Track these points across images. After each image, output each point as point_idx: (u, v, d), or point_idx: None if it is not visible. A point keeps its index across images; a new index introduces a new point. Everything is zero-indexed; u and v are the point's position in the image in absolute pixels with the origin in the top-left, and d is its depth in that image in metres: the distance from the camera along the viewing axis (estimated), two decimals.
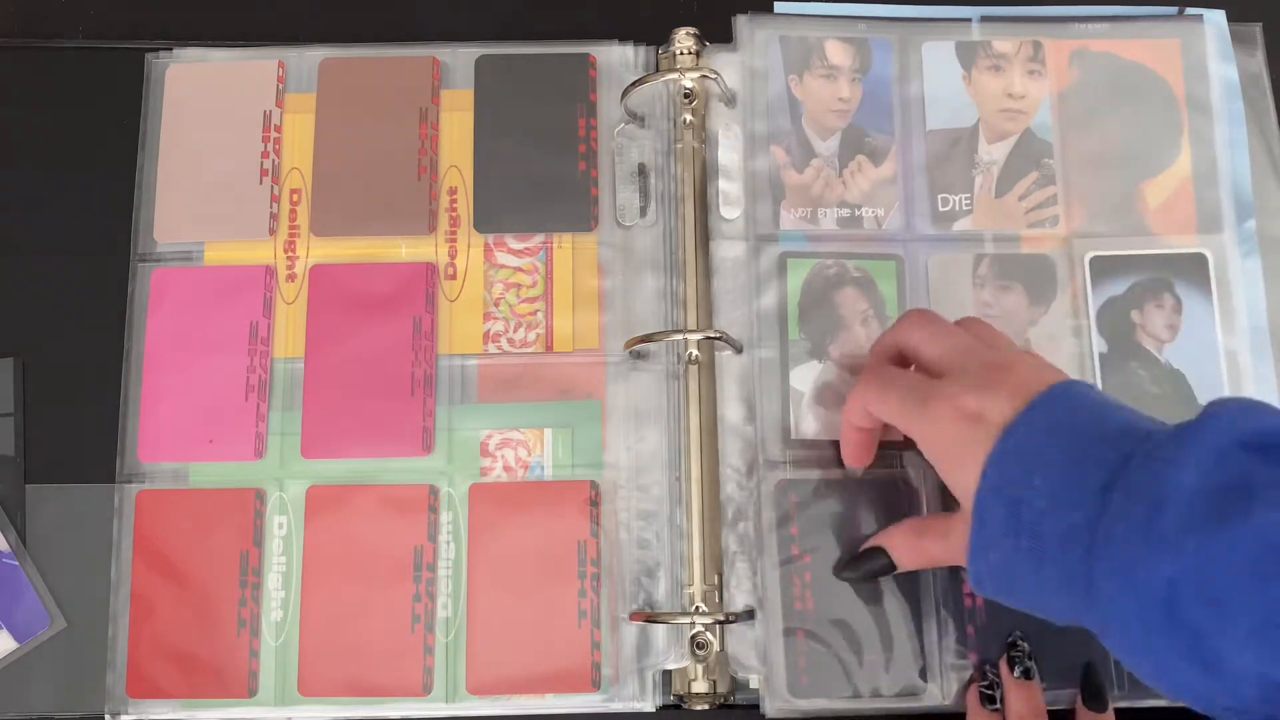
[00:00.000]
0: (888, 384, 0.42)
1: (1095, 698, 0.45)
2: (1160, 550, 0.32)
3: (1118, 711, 0.46)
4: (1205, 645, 0.31)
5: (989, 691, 0.45)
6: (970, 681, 0.46)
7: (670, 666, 0.47)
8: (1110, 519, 0.33)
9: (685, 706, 0.47)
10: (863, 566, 0.45)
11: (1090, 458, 0.35)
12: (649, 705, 0.47)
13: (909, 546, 0.44)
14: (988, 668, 0.46)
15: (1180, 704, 0.33)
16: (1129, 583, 0.32)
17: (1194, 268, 0.51)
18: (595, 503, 0.49)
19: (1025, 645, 0.46)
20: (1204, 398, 0.49)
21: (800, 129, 0.52)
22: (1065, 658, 0.46)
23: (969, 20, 0.54)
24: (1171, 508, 0.32)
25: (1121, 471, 0.34)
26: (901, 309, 0.50)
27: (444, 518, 0.49)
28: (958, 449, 0.38)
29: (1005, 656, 0.46)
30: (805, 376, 0.50)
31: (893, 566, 0.45)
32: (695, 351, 0.49)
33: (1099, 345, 0.50)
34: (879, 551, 0.45)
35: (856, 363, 0.49)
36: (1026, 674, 0.45)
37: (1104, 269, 0.51)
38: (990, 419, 0.37)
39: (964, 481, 0.38)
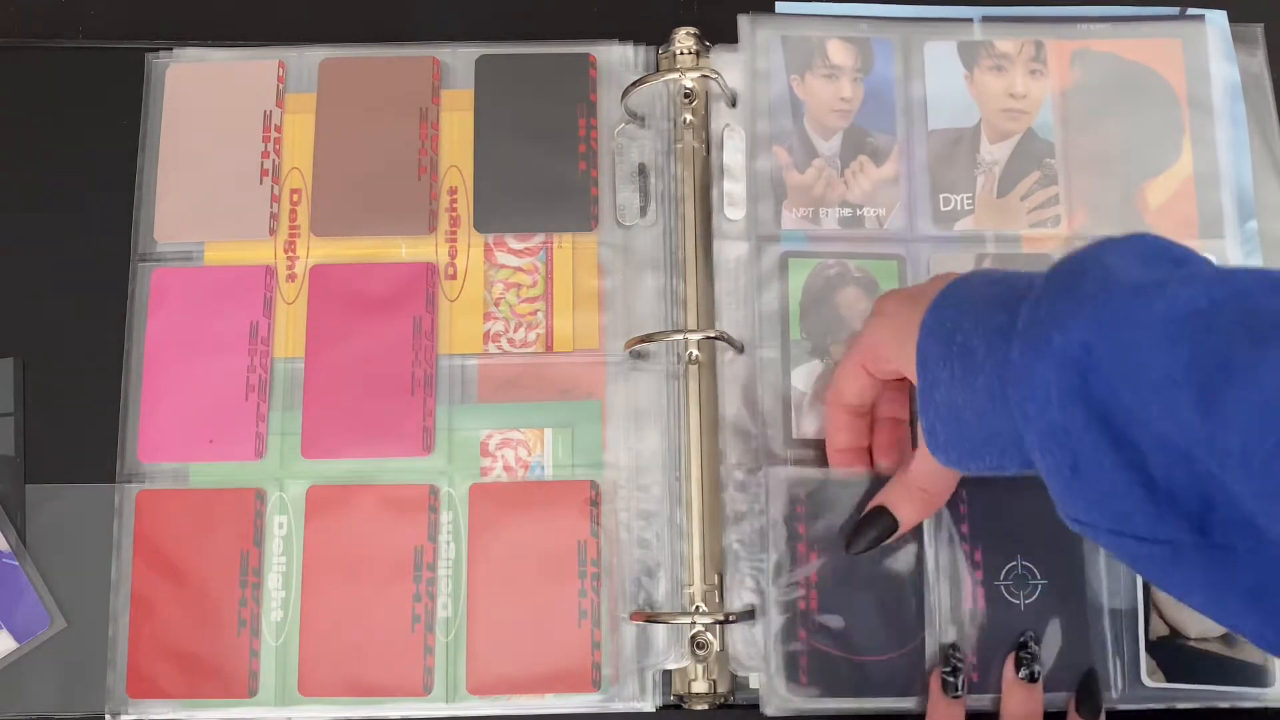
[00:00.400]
0: (855, 337, 0.45)
1: (1089, 704, 0.45)
2: (1077, 312, 0.32)
3: (1113, 714, 0.46)
4: (1116, 414, 0.32)
5: (951, 679, 0.45)
6: (933, 668, 0.46)
7: (670, 666, 0.47)
8: (1031, 302, 0.34)
9: (685, 706, 0.47)
10: (868, 532, 0.45)
11: (1017, 285, 0.37)
12: (649, 705, 0.47)
13: (901, 489, 0.44)
14: (951, 651, 0.46)
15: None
16: (1047, 350, 0.33)
17: None
18: (595, 503, 0.49)
19: (1035, 648, 0.46)
20: None
21: (802, 129, 0.52)
22: (1061, 663, 0.47)
23: (970, 20, 0.54)
24: (1092, 276, 0.33)
25: (1045, 274, 0.36)
26: None
27: (444, 518, 0.49)
28: (904, 322, 0.40)
29: (1013, 656, 0.46)
30: (806, 376, 0.50)
31: (895, 523, 0.44)
32: (696, 351, 0.49)
33: None
34: (880, 511, 0.45)
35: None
36: (1032, 676, 0.45)
37: None
38: (929, 291, 0.40)
39: (911, 351, 0.39)
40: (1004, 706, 0.45)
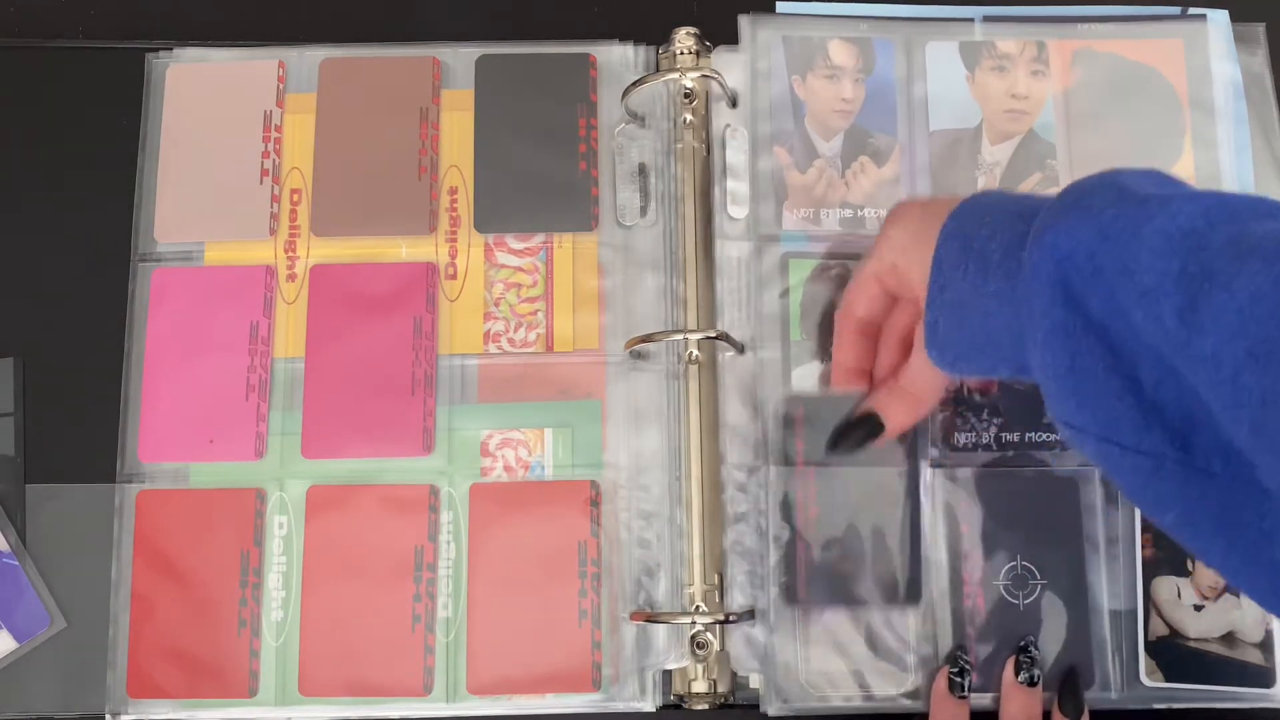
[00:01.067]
0: (871, 248, 0.44)
1: (1072, 704, 0.46)
2: (1084, 221, 0.34)
3: (1112, 714, 0.46)
4: (1113, 321, 0.33)
5: (958, 679, 0.45)
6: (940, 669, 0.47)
7: (670, 666, 0.47)
8: (1045, 211, 0.36)
9: (685, 706, 0.47)
10: (854, 434, 0.45)
11: (1037, 203, 0.38)
12: (649, 705, 0.47)
13: (889, 393, 0.44)
14: (959, 653, 0.46)
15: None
16: (1054, 255, 0.34)
17: None
18: (595, 503, 0.49)
19: (1036, 653, 0.46)
20: None
21: (803, 129, 0.52)
22: (1061, 663, 0.47)
23: (971, 20, 0.54)
24: (1102, 193, 0.35)
25: (1061, 190, 0.37)
26: None
27: (444, 517, 0.49)
28: (924, 228, 0.41)
29: (1013, 660, 0.46)
30: (807, 376, 0.50)
31: (882, 427, 0.44)
32: (696, 351, 0.49)
33: None
34: (867, 416, 0.44)
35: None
36: (1031, 681, 0.45)
37: None
38: (948, 202, 0.41)
39: (927, 251, 0.40)
40: (1003, 709, 0.45)
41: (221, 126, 0.53)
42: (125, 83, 0.53)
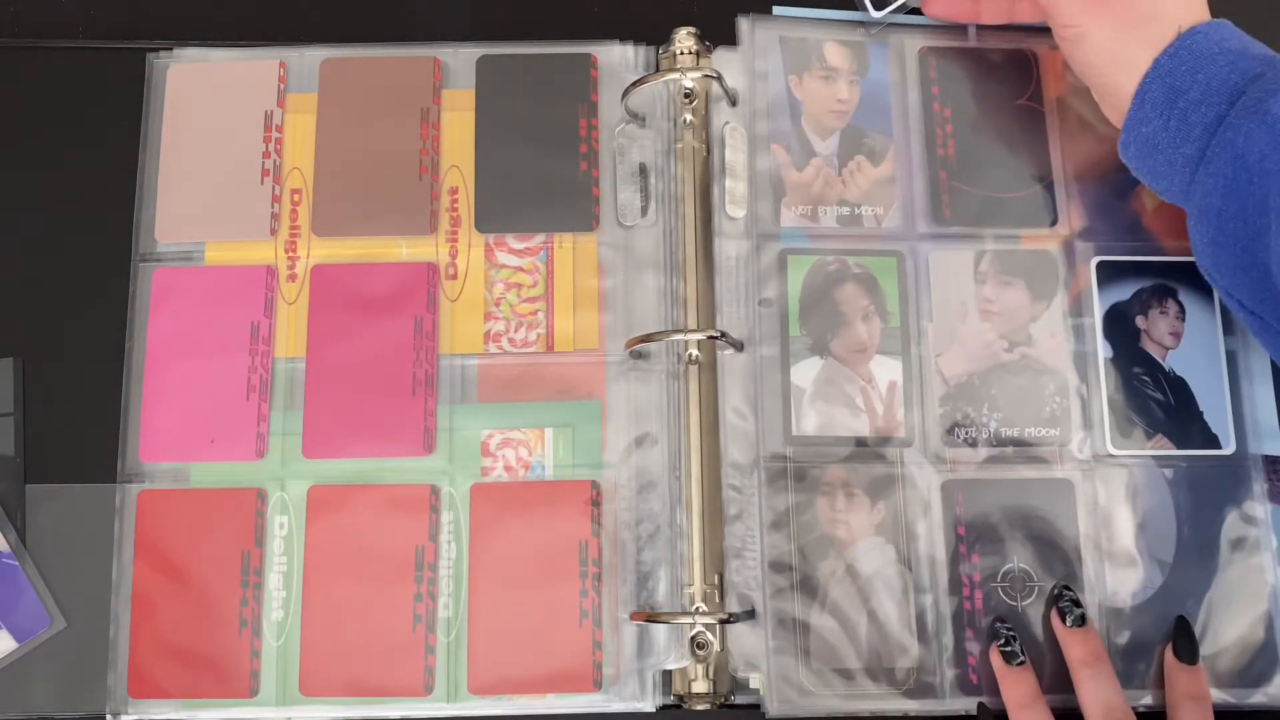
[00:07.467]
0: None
1: (1186, 647, 0.46)
2: (1263, 122, 0.40)
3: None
4: (1264, 202, 0.40)
5: (1008, 648, 0.46)
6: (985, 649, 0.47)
7: (670, 666, 0.47)
8: (1241, 107, 0.41)
9: (685, 706, 0.47)
10: None
11: (1247, 68, 0.42)
12: (649, 705, 0.47)
13: None
14: (998, 625, 0.47)
15: None
16: (1232, 146, 0.41)
17: (1199, 275, 0.51)
18: (596, 503, 0.49)
19: (1072, 593, 0.46)
20: (1206, 404, 0.49)
21: (800, 128, 0.52)
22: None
23: (965, 28, 0.54)
24: None
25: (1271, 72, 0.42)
26: (903, 305, 0.50)
27: (445, 517, 0.49)
28: (1128, 42, 0.44)
29: (1055, 611, 0.47)
30: (806, 373, 0.50)
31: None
32: (696, 351, 0.49)
33: (1104, 350, 0.50)
34: None
35: None
36: (1080, 621, 0.46)
37: (1110, 275, 0.51)
38: (1159, 30, 0.44)
39: (1122, 70, 0.44)
40: (1068, 656, 0.46)
41: (222, 126, 0.53)
42: (125, 83, 0.53)
